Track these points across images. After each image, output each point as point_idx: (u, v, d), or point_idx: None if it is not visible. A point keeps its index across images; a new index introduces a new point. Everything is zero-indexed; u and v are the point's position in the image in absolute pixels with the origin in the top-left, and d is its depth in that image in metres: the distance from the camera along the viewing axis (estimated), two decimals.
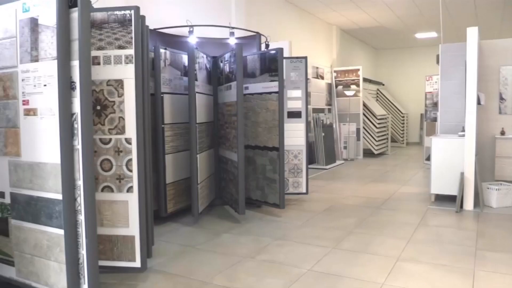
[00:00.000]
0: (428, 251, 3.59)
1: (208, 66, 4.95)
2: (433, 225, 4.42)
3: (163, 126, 4.47)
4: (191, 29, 4.94)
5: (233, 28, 5.29)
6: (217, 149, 5.23)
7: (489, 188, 5.16)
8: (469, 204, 5.05)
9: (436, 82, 8.70)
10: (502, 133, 5.62)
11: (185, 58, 4.78)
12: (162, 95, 4.44)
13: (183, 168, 4.78)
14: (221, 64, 4.91)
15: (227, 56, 4.70)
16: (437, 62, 6.24)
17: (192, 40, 4.95)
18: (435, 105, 8.69)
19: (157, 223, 4.42)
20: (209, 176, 5.01)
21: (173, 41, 5.11)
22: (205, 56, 4.83)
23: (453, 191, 5.17)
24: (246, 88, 4.95)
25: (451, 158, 5.21)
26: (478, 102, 5.13)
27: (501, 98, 5.75)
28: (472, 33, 5.06)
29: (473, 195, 5.04)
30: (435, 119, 8.45)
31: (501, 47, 5.73)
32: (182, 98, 4.78)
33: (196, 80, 4.42)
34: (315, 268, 3.25)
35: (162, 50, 4.44)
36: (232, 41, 5.25)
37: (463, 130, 5.17)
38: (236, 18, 6.56)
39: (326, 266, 3.27)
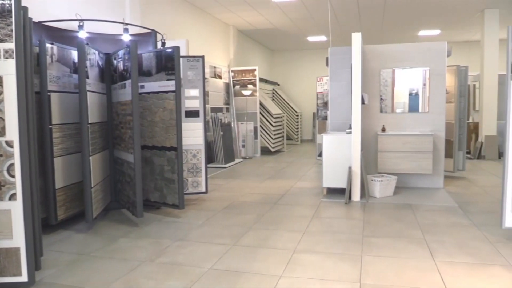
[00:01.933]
0: (321, 242, 3.83)
1: (100, 63, 4.71)
2: (326, 217, 4.72)
3: (50, 127, 4.16)
4: (81, 23, 4.66)
5: (127, 24, 5.09)
6: (112, 150, 5.00)
7: (373, 180, 5.65)
8: (356, 195, 5.48)
9: (326, 83, 9.27)
10: (383, 130, 6.19)
11: (74, 54, 4.49)
12: (49, 93, 4.12)
13: (75, 171, 4.49)
14: (115, 62, 4.71)
15: (121, 53, 4.51)
16: (327, 64, 6.66)
17: (82, 35, 4.67)
18: (325, 104, 9.26)
19: (47, 231, 4.10)
20: (104, 178, 4.77)
21: (61, 36, 4.77)
22: (97, 52, 4.59)
23: (343, 184, 5.57)
24: (142, 86, 4.80)
25: (340, 153, 5.60)
26: (363, 102, 5.58)
27: (382, 98, 6.33)
28: (356, 38, 5.49)
29: (360, 187, 5.48)
30: (326, 118, 9.01)
31: (381, 52, 6.31)
32: (72, 96, 4.48)
33: (87, 77, 4.18)
34: (216, 266, 3.27)
35: (48, 45, 4.12)
36: (126, 38, 5.07)
37: (350, 128, 5.59)
38: (130, 14, 6.33)
39: (226, 264, 3.31)
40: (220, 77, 10.07)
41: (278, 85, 14.92)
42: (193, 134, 5.39)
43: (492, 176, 7.20)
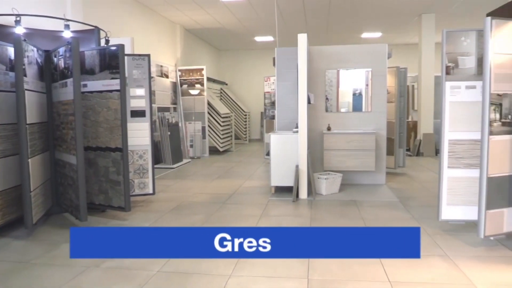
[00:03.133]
0: None
1: (39, 60, 4.49)
2: (274, 215, 4.78)
3: None
4: (18, 18, 4.43)
5: (68, 20, 4.89)
6: (53, 152, 4.79)
7: (319, 178, 5.79)
8: (303, 193, 5.58)
9: (273, 82, 9.37)
10: (329, 128, 6.36)
11: (11, 51, 4.25)
12: None
13: (13, 174, 4.25)
14: (55, 59, 4.51)
15: (61, 50, 4.33)
16: (274, 64, 6.74)
17: (19, 31, 4.44)
18: (273, 104, 9.36)
19: None
20: (44, 182, 4.56)
21: None
22: (35, 49, 4.37)
23: (290, 183, 5.66)
24: (85, 85, 4.63)
25: (287, 152, 5.69)
26: (309, 102, 5.70)
27: (327, 98, 6.50)
28: (302, 39, 5.60)
29: (307, 185, 5.59)
30: (273, 117, 9.11)
31: (326, 53, 6.47)
32: (9, 95, 4.23)
33: (25, 75, 3.98)
34: (164, 268, 3.22)
35: None
36: (67, 34, 4.86)
37: (297, 127, 5.69)
38: (72, 9, 6.06)
39: (175, 266, 3.27)
40: (167, 76, 9.91)
41: (226, 84, 14.91)
42: (139, 134, 5.27)
43: (430, 172, 7.61)
